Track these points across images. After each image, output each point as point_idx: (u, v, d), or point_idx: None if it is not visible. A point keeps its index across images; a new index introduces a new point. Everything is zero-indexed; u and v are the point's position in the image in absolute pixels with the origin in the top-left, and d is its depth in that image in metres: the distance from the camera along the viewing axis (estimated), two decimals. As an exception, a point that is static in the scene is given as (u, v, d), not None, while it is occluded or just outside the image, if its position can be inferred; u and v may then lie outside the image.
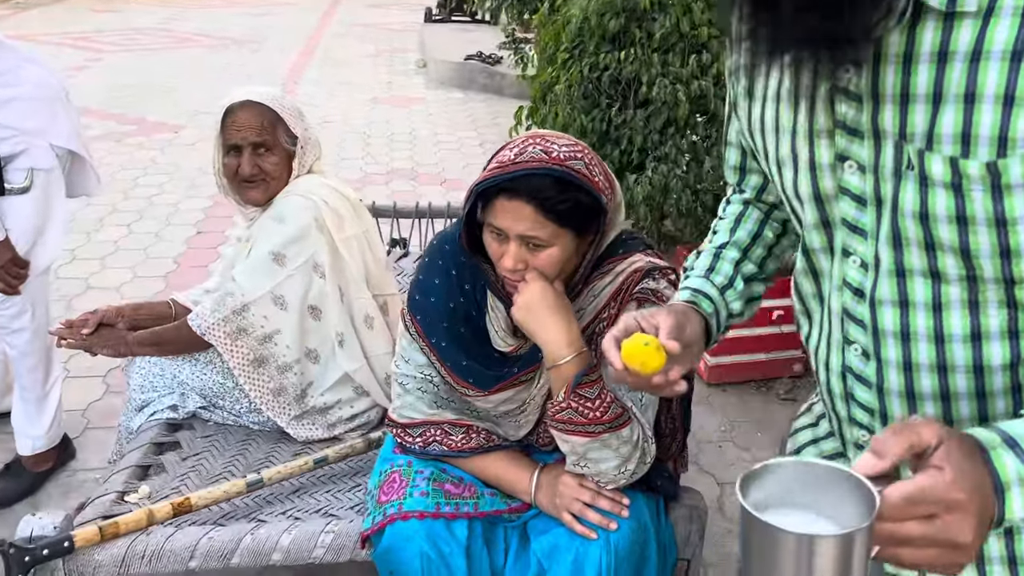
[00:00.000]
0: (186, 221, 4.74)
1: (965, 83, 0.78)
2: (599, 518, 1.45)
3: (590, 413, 1.40)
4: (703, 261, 1.17)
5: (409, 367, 1.57)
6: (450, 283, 1.53)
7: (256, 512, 1.74)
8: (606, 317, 1.49)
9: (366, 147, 6.30)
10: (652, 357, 0.98)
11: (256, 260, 1.95)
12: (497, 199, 1.36)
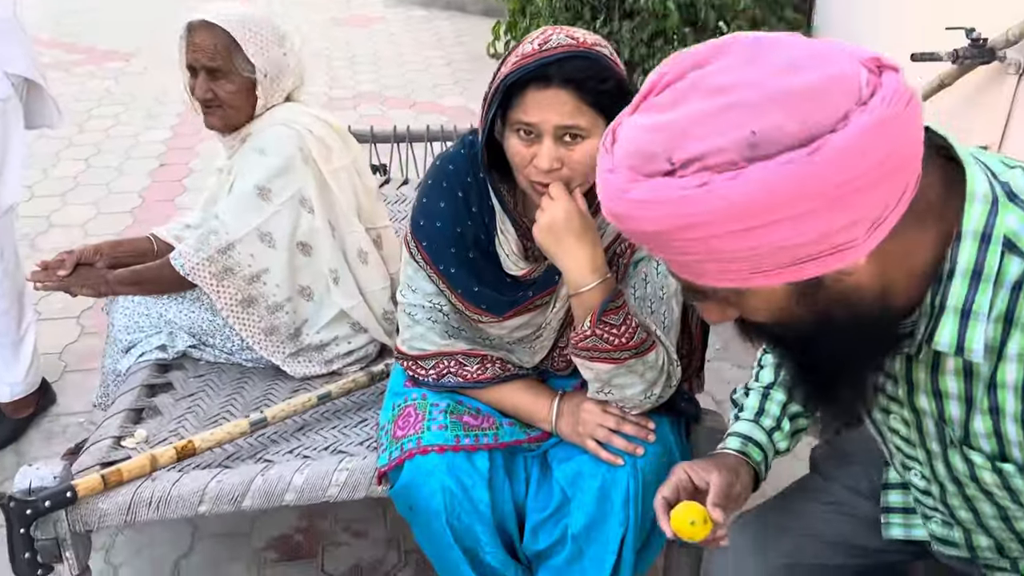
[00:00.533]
0: (147, 154, 4.53)
1: (988, 401, 0.90)
2: (625, 444, 1.41)
3: (615, 340, 1.34)
4: (752, 402, 1.30)
5: (417, 296, 1.49)
6: (456, 206, 1.44)
7: (262, 452, 1.67)
8: (627, 238, 1.42)
9: (329, 70, 6.05)
10: (698, 531, 1.08)
11: (240, 195, 1.83)
12: (527, 92, 1.25)
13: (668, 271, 0.95)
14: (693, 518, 1.08)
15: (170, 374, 1.94)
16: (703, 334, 1.60)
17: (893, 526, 1.23)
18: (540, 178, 1.32)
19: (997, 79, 2.19)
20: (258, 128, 1.86)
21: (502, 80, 1.27)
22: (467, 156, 1.45)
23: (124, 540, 2.09)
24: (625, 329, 1.34)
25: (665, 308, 1.43)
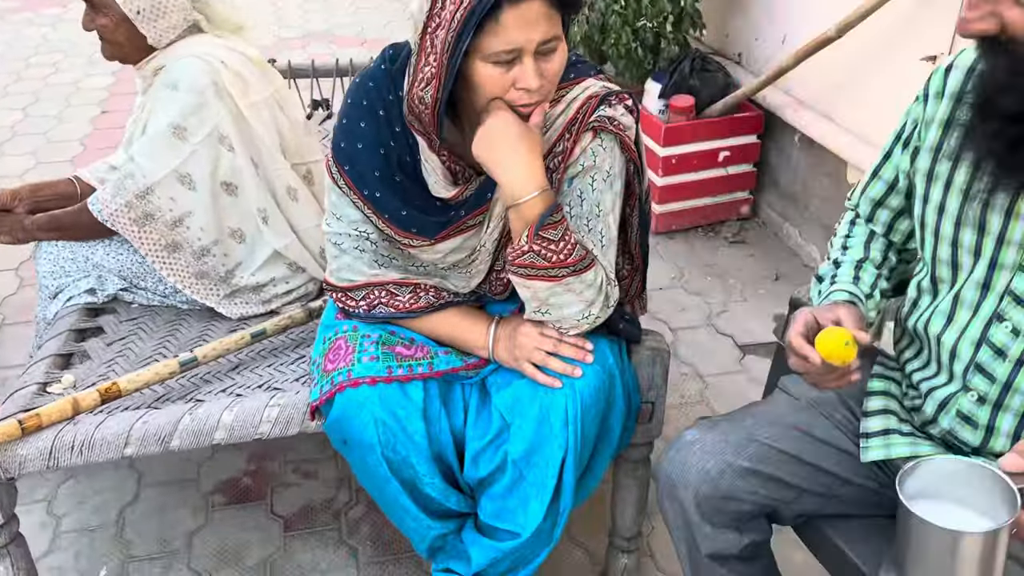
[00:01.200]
0: (89, 100, 4.37)
1: None
2: (563, 366, 1.37)
3: (553, 256, 1.29)
4: (846, 272, 1.29)
5: (342, 224, 1.42)
6: (378, 125, 1.36)
7: (194, 392, 1.62)
8: (560, 151, 1.35)
9: (276, 9, 5.85)
10: (849, 352, 1.07)
11: (154, 135, 1.74)
12: (503, 12, 1.15)
13: None
14: (846, 339, 1.07)
15: (100, 318, 1.87)
16: (643, 255, 1.56)
17: (872, 449, 1.23)
18: (526, 99, 1.25)
19: (947, -15, 2.13)
20: (170, 62, 1.76)
21: (472, 7, 1.15)
22: (387, 71, 1.36)
23: (66, 491, 2.04)
24: (564, 245, 1.29)
25: (602, 226, 1.38)
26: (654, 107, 3.03)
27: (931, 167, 1.15)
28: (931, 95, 1.17)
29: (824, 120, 2.69)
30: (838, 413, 1.30)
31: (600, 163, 1.35)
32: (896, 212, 1.31)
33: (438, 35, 1.19)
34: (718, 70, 3.02)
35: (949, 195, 1.12)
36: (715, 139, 2.99)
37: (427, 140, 1.33)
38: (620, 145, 1.37)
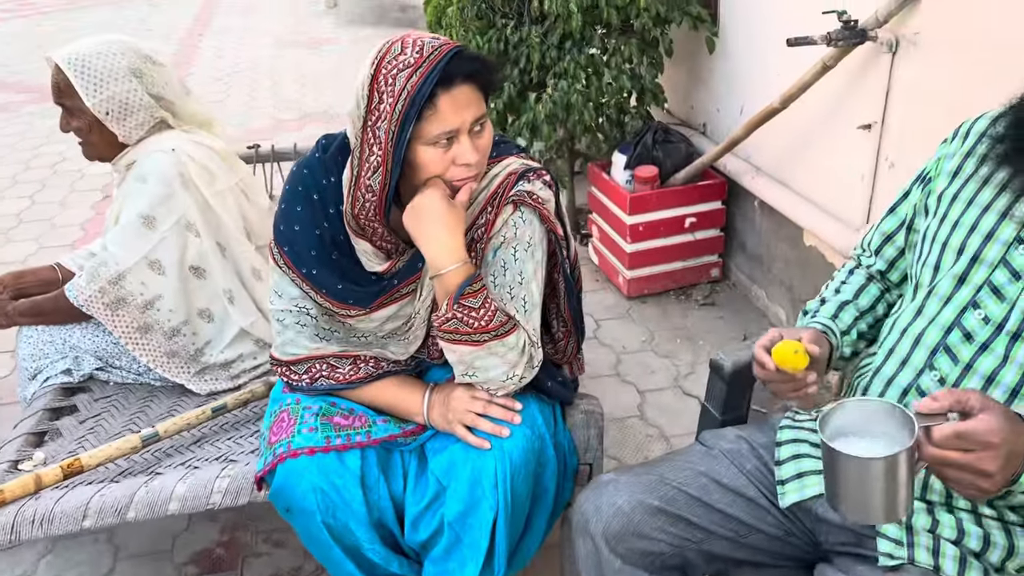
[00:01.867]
0: (93, 186, 4.57)
1: None
2: (491, 426, 1.45)
3: (475, 322, 1.39)
4: (829, 308, 1.41)
5: (283, 301, 1.53)
6: (313, 209, 1.48)
7: (154, 466, 1.71)
8: (483, 223, 1.47)
9: (276, 94, 6.11)
10: (800, 359, 1.20)
11: (126, 225, 1.87)
12: (438, 99, 1.30)
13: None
14: (795, 348, 1.20)
15: (75, 397, 1.97)
16: (575, 318, 1.65)
17: (788, 494, 1.30)
18: (465, 174, 1.38)
19: (874, 59, 2.25)
20: (140, 157, 1.90)
21: (411, 97, 1.28)
22: (321, 160, 1.49)
23: (45, 566, 2.11)
24: (484, 312, 1.39)
25: (525, 292, 1.48)
26: (621, 178, 3.16)
27: (948, 187, 1.26)
28: (962, 133, 1.29)
29: (779, 186, 2.80)
30: (749, 463, 1.36)
31: (520, 234, 1.46)
32: (900, 250, 1.40)
33: (380, 127, 1.32)
34: (680, 140, 3.15)
35: (968, 210, 1.21)
36: (680, 206, 3.10)
37: (361, 234, 1.45)
38: (539, 217, 1.48)
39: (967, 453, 0.95)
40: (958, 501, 1.19)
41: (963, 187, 1.23)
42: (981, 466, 0.95)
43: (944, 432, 0.96)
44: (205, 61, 7.22)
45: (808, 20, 2.37)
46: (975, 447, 0.95)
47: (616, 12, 2.93)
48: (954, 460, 0.96)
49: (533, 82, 3.12)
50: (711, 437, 1.44)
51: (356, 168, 1.39)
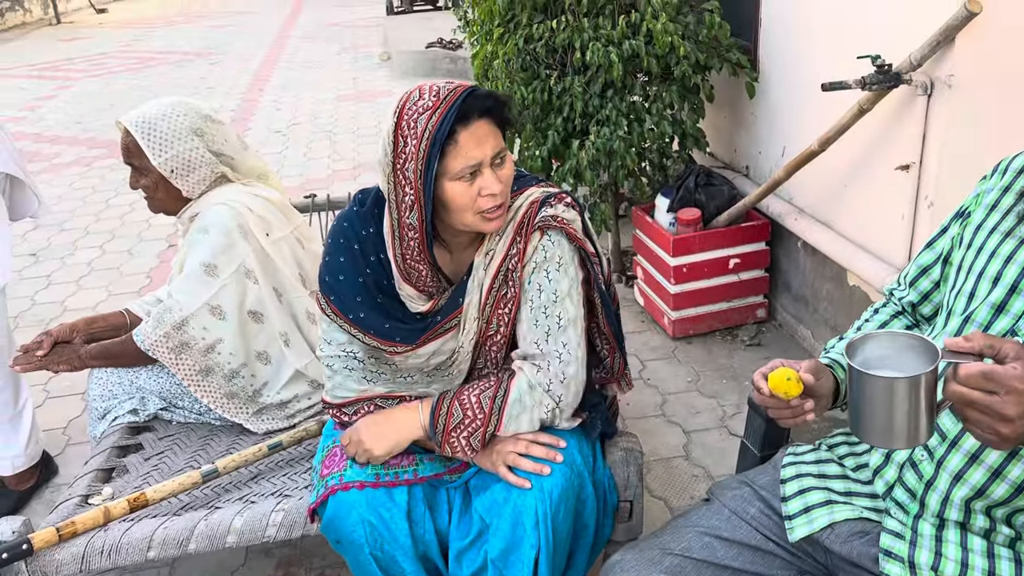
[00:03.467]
0: (158, 236, 4.80)
1: None
2: (532, 465, 1.51)
3: (474, 421, 1.52)
4: (843, 345, 1.39)
5: (332, 348, 1.62)
6: (355, 258, 1.58)
7: (214, 500, 1.80)
8: (515, 253, 1.54)
9: (333, 144, 6.33)
10: (792, 387, 1.24)
11: (190, 274, 2.00)
12: (458, 136, 1.40)
13: None
14: (789, 375, 1.24)
15: (141, 436, 2.08)
16: (615, 334, 1.70)
17: (796, 528, 1.33)
18: (492, 204, 1.47)
19: (910, 101, 2.29)
20: (202, 209, 2.03)
21: (433, 136, 1.39)
22: (359, 213, 1.60)
23: (110, 597, 2.22)
24: (470, 409, 1.52)
25: (560, 310, 1.54)
26: (664, 220, 3.21)
27: (985, 219, 1.29)
28: (1001, 170, 1.32)
29: (821, 227, 2.83)
30: (752, 508, 1.39)
31: (551, 256, 1.54)
32: (935, 283, 1.43)
33: (408, 167, 1.42)
34: (723, 183, 3.20)
35: (1005, 241, 1.23)
36: (723, 248, 3.14)
37: (407, 279, 1.55)
38: (567, 236, 1.56)
39: (990, 395, 0.94)
40: (973, 523, 1.20)
41: (1001, 220, 1.26)
42: (1003, 410, 0.93)
43: (970, 370, 0.95)
44: (264, 114, 7.52)
45: (844, 64, 2.42)
46: (999, 390, 0.93)
47: (656, 61, 3.02)
48: (976, 400, 0.94)
49: (577, 129, 3.21)
50: (717, 488, 1.47)
51: (395, 211, 1.49)
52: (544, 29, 3.13)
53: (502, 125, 1.48)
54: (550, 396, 1.53)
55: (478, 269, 1.56)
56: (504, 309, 1.56)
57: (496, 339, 1.59)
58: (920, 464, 1.24)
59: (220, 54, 10.97)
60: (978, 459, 1.17)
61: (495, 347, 1.60)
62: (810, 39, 2.81)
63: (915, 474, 1.25)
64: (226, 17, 14.86)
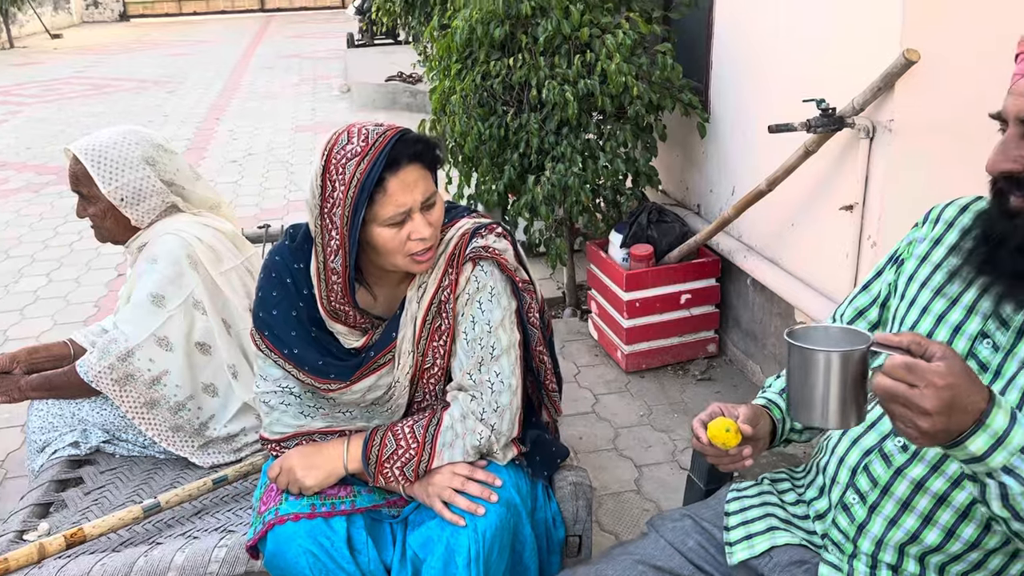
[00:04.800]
0: (107, 265, 4.71)
1: None
2: (468, 504, 1.49)
3: (404, 453, 1.52)
4: (780, 384, 1.50)
5: (268, 383, 1.60)
6: (287, 292, 1.57)
7: (155, 536, 1.76)
8: (447, 284, 1.55)
9: (289, 175, 6.31)
10: (730, 438, 1.28)
11: (136, 304, 1.96)
12: (387, 182, 1.41)
13: None
14: (728, 427, 1.27)
15: (82, 469, 2.03)
16: (552, 359, 1.73)
17: (736, 553, 1.35)
18: (421, 247, 1.48)
19: (853, 144, 2.36)
20: (151, 239, 2.01)
21: (361, 183, 1.40)
22: (290, 248, 1.60)
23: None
24: (403, 441, 1.53)
25: (493, 340, 1.55)
26: (617, 256, 3.25)
27: (917, 271, 1.32)
28: (931, 219, 1.36)
29: (769, 264, 2.89)
30: (691, 540, 1.40)
31: (483, 286, 1.56)
32: (872, 325, 1.45)
33: (335, 212, 1.43)
34: (675, 220, 3.26)
35: (936, 299, 1.26)
36: (675, 283, 3.19)
37: (335, 318, 1.56)
38: (498, 266, 1.57)
39: (911, 388, 0.95)
40: (904, 568, 1.22)
41: (932, 275, 1.29)
42: (921, 403, 0.94)
43: (894, 361, 0.97)
44: (221, 144, 7.47)
45: (791, 107, 2.50)
46: (919, 383, 0.95)
47: (610, 100, 3.07)
48: (899, 392, 0.96)
49: (532, 165, 3.25)
50: (658, 520, 1.49)
51: (321, 253, 1.49)
52: (501, 66, 3.18)
53: (433, 167, 1.49)
54: (484, 424, 1.53)
55: (411, 303, 1.57)
56: (439, 341, 1.57)
57: (433, 371, 1.59)
58: (852, 508, 1.27)
59: (177, 82, 10.90)
60: (909, 506, 1.20)
61: (432, 379, 1.61)
62: (759, 82, 2.90)
63: (847, 517, 1.27)
64: (185, 45, 14.80)
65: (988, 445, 0.96)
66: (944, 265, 1.28)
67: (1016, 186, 1.09)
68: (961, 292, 1.23)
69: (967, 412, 0.95)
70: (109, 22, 20.46)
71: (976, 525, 1.16)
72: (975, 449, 0.97)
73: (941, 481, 1.17)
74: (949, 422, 0.95)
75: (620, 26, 3.09)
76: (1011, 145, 1.09)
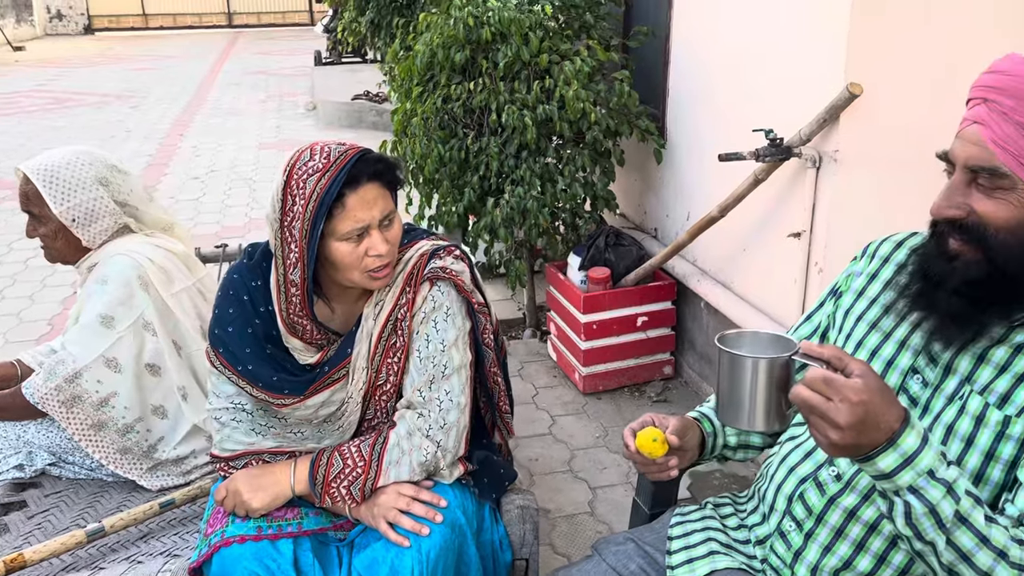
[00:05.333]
0: (63, 282, 4.65)
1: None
2: (412, 524, 1.50)
3: (351, 472, 1.53)
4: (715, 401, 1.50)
5: (221, 400, 1.62)
6: (244, 309, 1.59)
7: (98, 560, 1.73)
8: (404, 303, 1.58)
9: (252, 192, 6.28)
10: (657, 448, 1.33)
11: (85, 325, 1.95)
12: (346, 198, 1.44)
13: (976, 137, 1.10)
14: (655, 436, 1.32)
15: (26, 492, 2.00)
16: (505, 380, 1.75)
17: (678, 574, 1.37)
18: (378, 264, 1.51)
19: (801, 173, 2.43)
20: (102, 259, 1.99)
21: (321, 198, 1.43)
22: (248, 266, 1.63)
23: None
24: (349, 460, 1.54)
25: (446, 359, 1.58)
26: (576, 278, 3.29)
27: (853, 305, 1.35)
28: (868, 254, 1.39)
29: (722, 288, 2.94)
30: (633, 564, 1.42)
31: (439, 306, 1.59)
32: None
33: (295, 226, 1.46)
34: (632, 244, 3.30)
35: (870, 334, 1.29)
36: (632, 306, 3.23)
37: (293, 333, 1.57)
38: (455, 287, 1.61)
39: (827, 401, 0.99)
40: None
41: (867, 309, 1.33)
42: (834, 416, 0.98)
43: (814, 374, 1.01)
44: (183, 160, 7.41)
45: (743, 136, 2.56)
46: (835, 397, 0.99)
47: (569, 125, 3.12)
48: (815, 403, 1.00)
49: (492, 188, 3.28)
50: (601, 543, 1.51)
51: (281, 267, 1.53)
52: (462, 90, 3.22)
53: (393, 187, 1.53)
54: (430, 440, 1.55)
55: (367, 319, 1.59)
56: (393, 358, 1.60)
57: (386, 388, 1.62)
58: (789, 535, 1.30)
59: (141, 97, 10.81)
60: (842, 533, 1.23)
61: (385, 396, 1.62)
62: (713, 110, 2.96)
63: (784, 543, 1.31)
64: (150, 60, 14.69)
65: (897, 464, 1.00)
66: (879, 300, 1.31)
67: (957, 231, 1.12)
68: (894, 327, 1.27)
69: (879, 429, 0.99)
70: (73, 35, 20.24)
71: (905, 553, 1.19)
72: (884, 466, 1.00)
73: (872, 510, 1.21)
74: (860, 436, 0.99)
75: (579, 53, 3.14)
76: (956, 191, 1.12)
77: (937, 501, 1.00)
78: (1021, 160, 1.05)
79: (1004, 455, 1.10)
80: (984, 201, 1.09)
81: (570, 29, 3.28)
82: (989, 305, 1.10)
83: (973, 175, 1.09)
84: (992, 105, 1.07)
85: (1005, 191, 1.07)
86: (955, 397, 1.15)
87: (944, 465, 1.02)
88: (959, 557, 1.02)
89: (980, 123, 1.08)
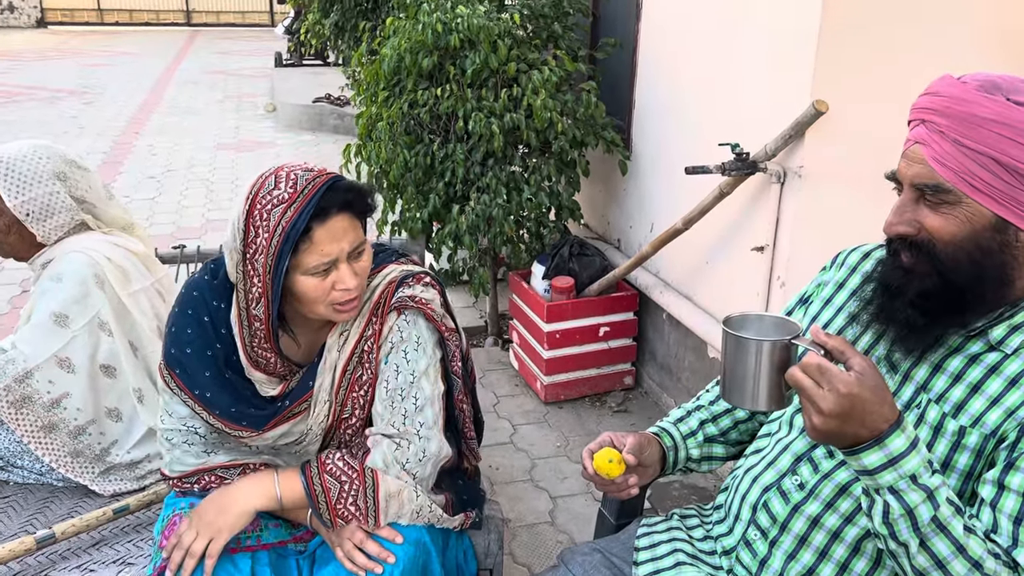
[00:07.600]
0: (11, 280, 4.51)
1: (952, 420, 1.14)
2: (378, 549, 1.45)
3: (350, 487, 1.45)
4: (676, 413, 1.57)
5: (172, 420, 1.54)
6: (204, 331, 1.51)
7: (48, 568, 1.68)
8: (371, 334, 1.52)
9: (209, 193, 6.17)
10: (614, 468, 1.34)
11: (37, 323, 1.88)
12: (313, 232, 1.35)
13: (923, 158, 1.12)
14: (611, 457, 1.33)
15: (-29, 498, 1.93)
16: (474, 407, 1.72)
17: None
18: (345, 297, 1.43)
19: (765, 188, 2.46)
20: (57, 256, 1.93)
21: (286, 232, 1.33)
22: (211, 284, 1.53)
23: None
24: (342, 476, 1.46)
25: (416, 390, 1.52)
26: (539, 287, 3.29)
27: (819, 313, 1.37)
28: (838, 263, 1.42)
29: (684, 300, 2.96)
30: (599, 574, 1.42)
31: (407, 336, 1.52)
32: None
33: (258, 260, 1.37)
34: (595, 254, 3.32)
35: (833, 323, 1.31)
36: (594, 316, 3.24)
37: (256, 366, 1.50)
38: (424, 316, 1.54)
39: (817, 387, 1.03)
40: None
41: (834, 317, 1.36)
42: (820, 402, 1.02)
43: (811, 359, 1.05)
44: (139, 159, 7.27)
45: (709, 150, 2.58)
46: (824, 385, 1.03)
47: (536, 134, 3.13)
48: (805, 387, 1.04)
49: (458, 195, 3.27)
50: (567, 554, 1.50)
51: (243, 299, 1.44)
52: (429, 96, 3.20)
53: (363, 216, 1.45)
54: (407, 472, 1.50)
55: (331, 350, 1.52)
56: (359, 392, 1.54)
57: (351, 423, 1.56)
58: (754, 543, 1.31)
59: (96, 94, 10.58)
60: (806, 541, 1.25)
61: (350, 430, 1.57)
62: (679, 123, 2.99)
63: (749, 552, 1.31)
64: (106, 56, 14.39)
65: (881, 463, 1.03)
66: (845, 308, 1.34)
67: (908, 247, 1.16)
68: (858, 336, 1.29)
69: (864, 426, 1.03)
70: (25, 28, 19.75)
71: (867, 559, 1.21)
72: (868, 463, 1.04)
73: (835, 518, 1.23)
74: (842, 426, 1.03)
75: (547, 63, 3.15)
76: (906, 209, 1.16)
77: (915, 505, 1.03)
78: (962, 175, 1.09)
79: (960, 465, 1.13)
80: (932, 216, 1.12)
81: (538, 38, 3.29)
82: (943, 315, 1.14)
83: (920, 192, 1.13)
84: (930, 125, 1.12)
85: (951, 206, 1.10)
86: (912, 405, 1.19)
87: (929, 473, 1.05)
88: (934, 564, 1.04)
89: (921, 143, 1.13)
